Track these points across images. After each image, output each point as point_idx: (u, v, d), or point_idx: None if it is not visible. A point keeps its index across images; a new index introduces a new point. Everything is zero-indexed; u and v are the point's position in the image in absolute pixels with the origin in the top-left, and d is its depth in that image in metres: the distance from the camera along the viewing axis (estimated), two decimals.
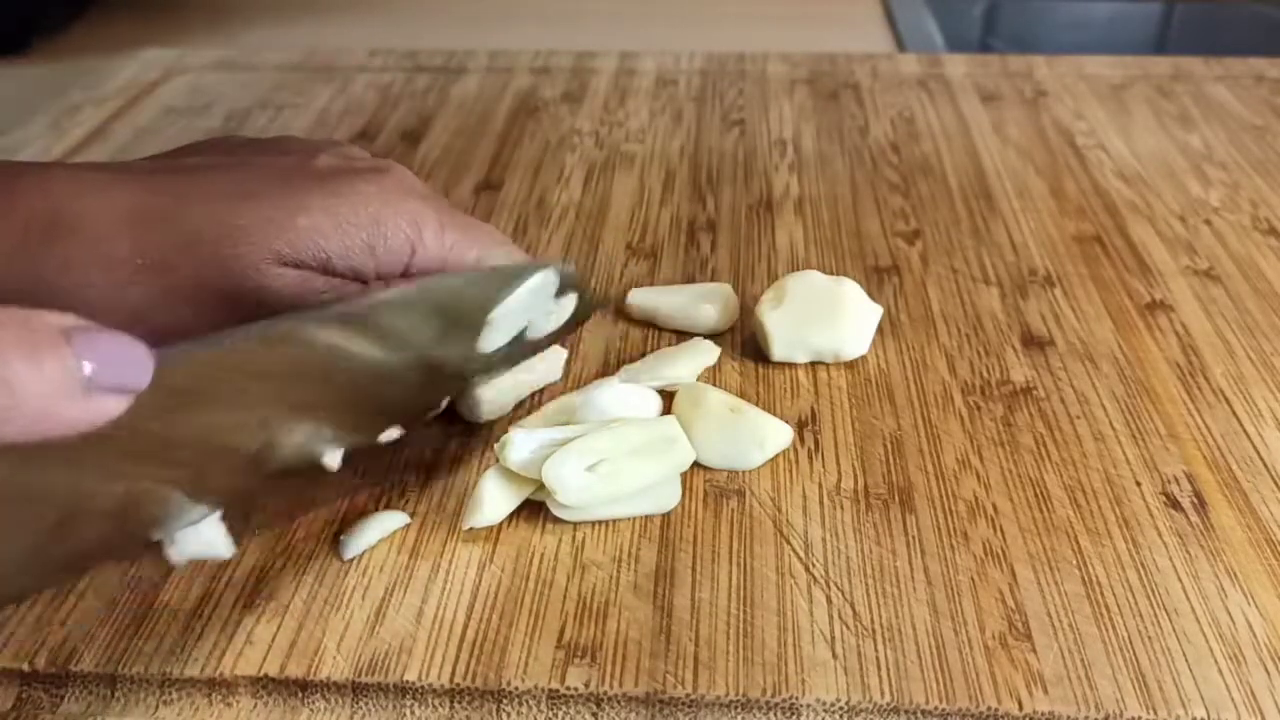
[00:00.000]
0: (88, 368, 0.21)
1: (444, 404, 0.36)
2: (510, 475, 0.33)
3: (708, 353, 0.40)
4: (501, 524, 0.34)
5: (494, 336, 0.34)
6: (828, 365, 0.40)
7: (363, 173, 0.34)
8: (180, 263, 0.31)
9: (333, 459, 0.32)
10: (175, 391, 0.25)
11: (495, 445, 0.33)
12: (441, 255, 0.35)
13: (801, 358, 0.40)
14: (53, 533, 0.26)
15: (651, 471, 0.33)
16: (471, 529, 0.33)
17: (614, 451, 0.33)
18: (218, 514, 0.30)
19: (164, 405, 0.25)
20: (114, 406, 0.22)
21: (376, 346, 0.31)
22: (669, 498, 0.34)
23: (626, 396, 0.36)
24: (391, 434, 0.34)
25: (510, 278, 0.34)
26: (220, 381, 0.27)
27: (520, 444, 0.33)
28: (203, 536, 0.29)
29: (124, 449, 0.25)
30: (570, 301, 0.37)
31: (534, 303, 0.35)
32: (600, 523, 0.34)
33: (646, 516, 0.34)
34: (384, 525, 0.33)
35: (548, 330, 0.37)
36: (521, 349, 0.36)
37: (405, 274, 0.34)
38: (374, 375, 0.32)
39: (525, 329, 0.36)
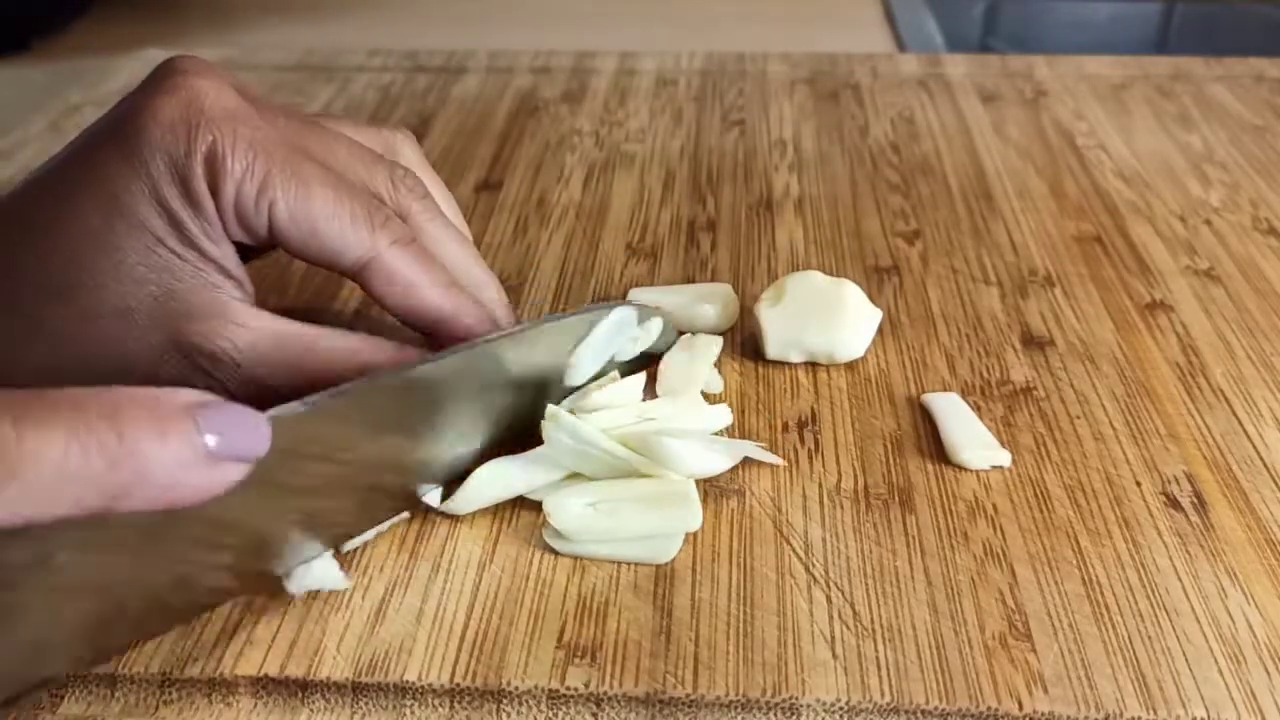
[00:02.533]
0: (211, 441, 0.23)
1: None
2: (501, 472, 0.34)
3: (711, 346, 0.40)
4: (501, 524, 0.34)
5: (578, 373, 0.36)
6: (828, 365, 0.40)
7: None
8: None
9: (433, 497, 0.34)
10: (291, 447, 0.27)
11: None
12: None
13: (796, 357, 0.40)
14: (175, 584, 0.29)
15: (653, 523, 0.33)
16: (454, 515, 0.33)
17: (620, 496, 0.33)
18: (329, 552, 0.32)
19: (285, 458, 0.26)
20: (235, 473, 0.24)
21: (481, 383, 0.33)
22: (666, 551, 0.32)
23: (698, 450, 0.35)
24: (434, 495, 0.35)
25: (588, 322, 0.36)
26: (329, 433, 0.29)
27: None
28: (316, 572, 0.31)
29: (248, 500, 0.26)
30: (656, 325, 0.39)
31: (616, 336, 0.37)
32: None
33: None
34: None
35: (634, 354, 0.38)
36: (610, 370, 0.38)
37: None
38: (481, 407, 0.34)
39: (612, 358, 0.38)
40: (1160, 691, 0.28)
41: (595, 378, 0.37)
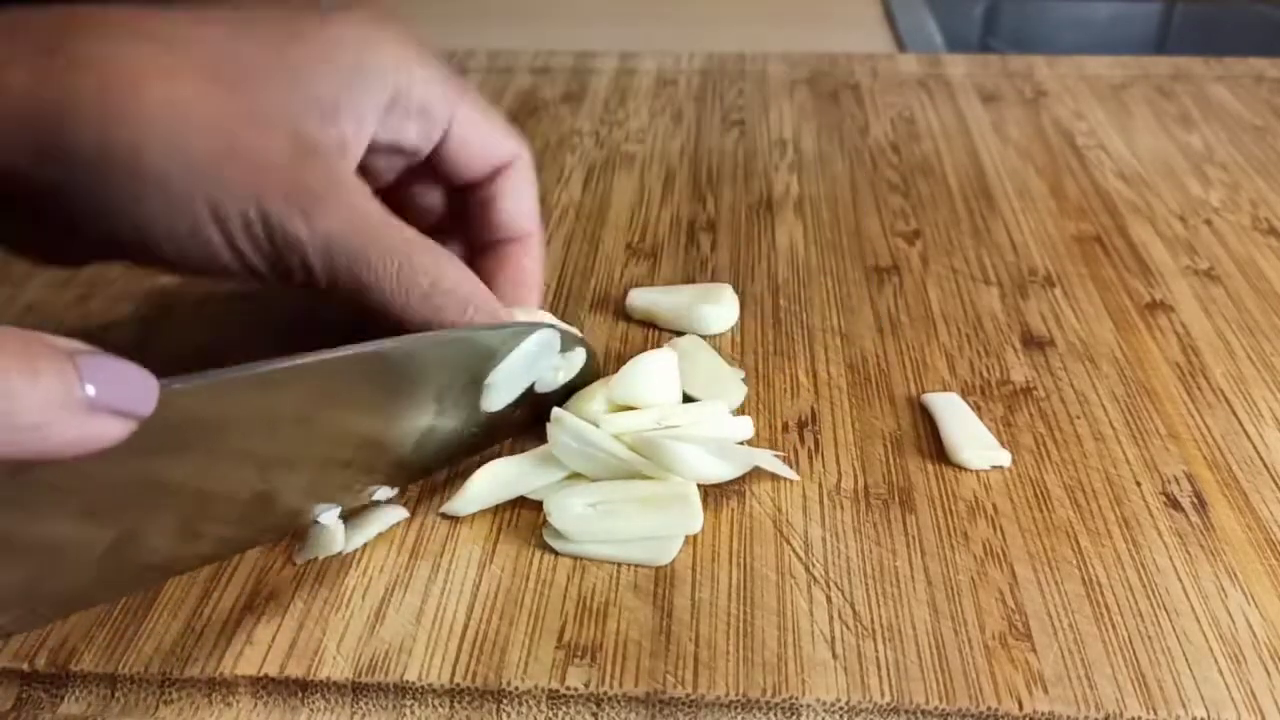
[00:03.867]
0: (91, 390, 0.22)
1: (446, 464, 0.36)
2: (502, 473, 0.34)
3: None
4: (501, 524, 0.34)
5: (496, 398, 0.35)
6: (828, 365, 0.40)
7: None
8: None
9: (328, 518, 0.33)
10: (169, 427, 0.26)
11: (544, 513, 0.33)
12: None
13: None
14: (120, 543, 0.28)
15: (653, 524, 0.33)
16: (455, 516, 0.33)
17: (621, 496, 0.33)
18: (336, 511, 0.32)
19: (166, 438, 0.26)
20: (116, 429, 0.23)
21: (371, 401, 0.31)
22: (666, 553, 0.32)
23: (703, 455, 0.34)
24: (385, 493, 0.34)
25: (509, 338, 0.34)
26: (219, 419, 0.28)
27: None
28: (323, 538, 0.32)
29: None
30: (580, 356, 0.37)
31: (536, 362, 0.35)
32: None
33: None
34: (382, 520, 0.33)
35: (556, 385, 0.36)
36: (531, 405, 0.36)
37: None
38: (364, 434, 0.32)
39: (532, 386, 0.35)
40: (1160, 691, 0.28)
41: (515, 405, 0.35)
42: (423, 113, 0.35)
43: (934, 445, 0.37)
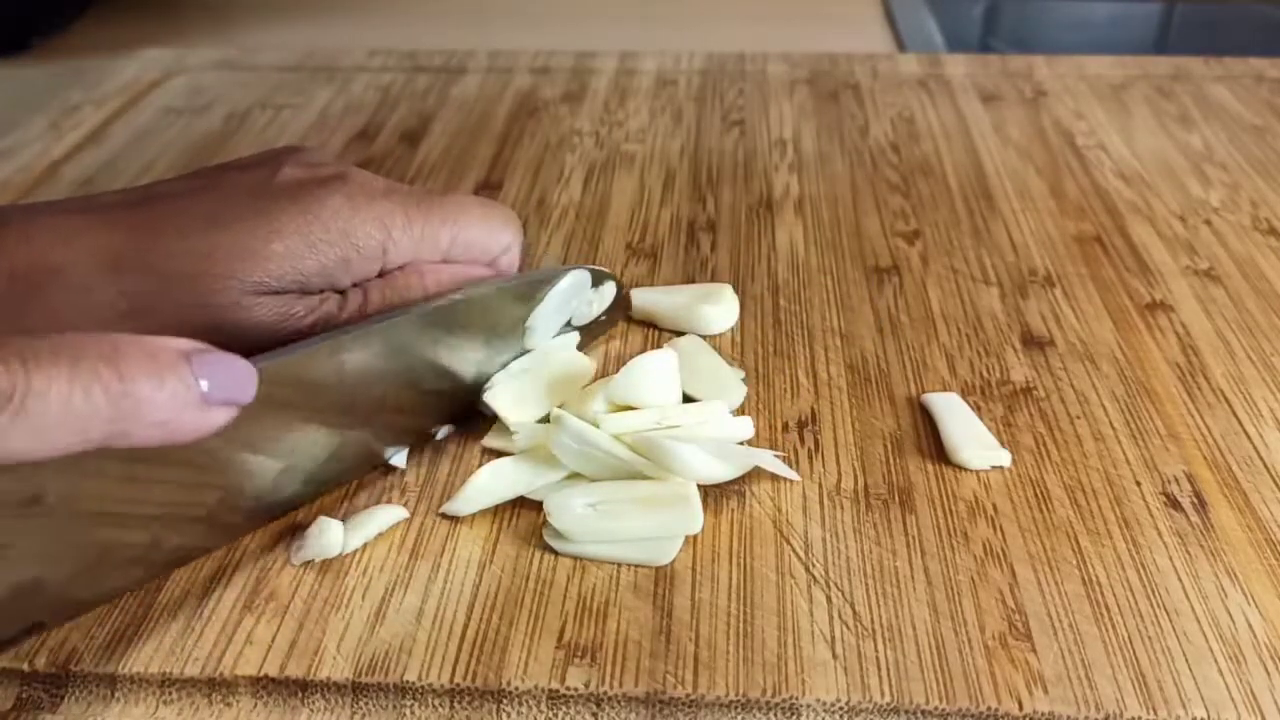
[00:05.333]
0: (205, 385, 0.25)
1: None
2: (500, 473, 0.34)
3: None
4: (501, 524, 0.34)
5: (536, 337, 0.39)
6: (828, 365, 0.40)
7: (327, 183, 0.35)
8: (162, 305, 0.33)
9: (399, 459, 0.36)
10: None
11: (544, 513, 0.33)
12: (413, 246, 0.36)
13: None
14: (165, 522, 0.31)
15: (653, 525, 0.33)
16: (454, 516, 0.33)
17: (621, 497, 0.33)
18: (339, 522, 0.33)
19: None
20: (224, 416, 0.26)
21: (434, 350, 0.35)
22: (665, 553, 0.32)
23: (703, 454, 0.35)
24: (445, 430, 0.37)
25: (540, 284, 0.38)
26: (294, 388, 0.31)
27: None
28: (323, 540, 0.33)
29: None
30: (610, 289, 0.40)
31: (570, 299, 0.39)
32: None
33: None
34: (382, 519, 0.33)
35: (592, 318, 0.40)
36: (570, 332, 0.40)
37: (381, 274, 0.36)
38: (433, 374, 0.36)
39: (569, 320, 0.40)
40: (1160, 691, 0.28)
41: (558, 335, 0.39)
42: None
43: (934, 445, 0.37)
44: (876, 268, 0.47)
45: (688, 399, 0.37)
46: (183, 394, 0.25)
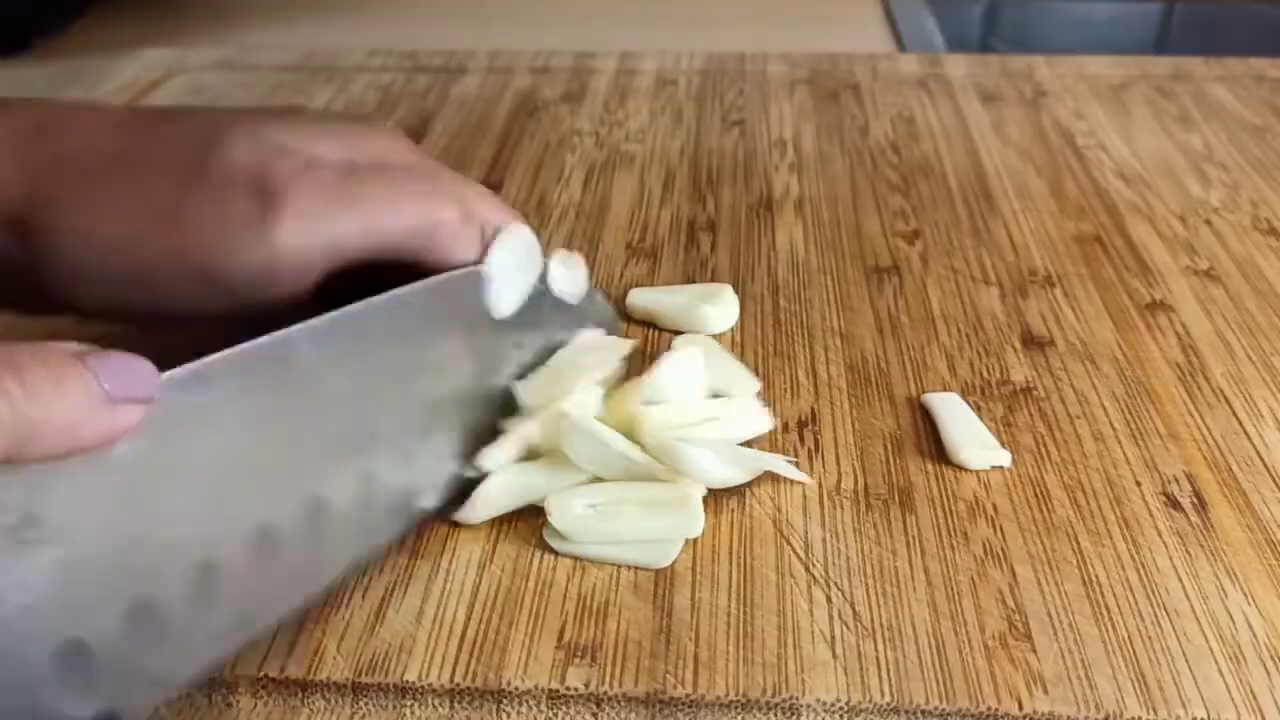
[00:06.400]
0: (107, 385, 0.24)
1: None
2: (511, 480, 0.33)
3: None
4: (501, 524, 0.34)
5: (502, 304, 0.35)
6: (828, 365, 0.40)
7: (266, 203, 0.31)
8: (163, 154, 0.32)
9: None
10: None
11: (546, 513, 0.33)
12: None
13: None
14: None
15: (654, 527, 0.33)
16: (467, 524, 0.33)
17: (623, 498, 0.33)
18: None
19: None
20: (134, 415, 0.25)
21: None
22: (665, 555, 0.32)
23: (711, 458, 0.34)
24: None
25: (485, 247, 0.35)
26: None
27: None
28: None
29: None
30: (573, 259, 0.38)
31: (528, 255, 0.36)
32: None
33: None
34: None
35: (579, 286, 0.39)
36: (562, 316, 0.38)
37: None
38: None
39: (545, 291, 0.37)
40: (1160, 691, 0.28)
41: (536, 308, 0.37)
42: None
43: (934, 445, 0.37)
44: (876, 268, 0.47)
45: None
46: (83, 393, 0.23)
